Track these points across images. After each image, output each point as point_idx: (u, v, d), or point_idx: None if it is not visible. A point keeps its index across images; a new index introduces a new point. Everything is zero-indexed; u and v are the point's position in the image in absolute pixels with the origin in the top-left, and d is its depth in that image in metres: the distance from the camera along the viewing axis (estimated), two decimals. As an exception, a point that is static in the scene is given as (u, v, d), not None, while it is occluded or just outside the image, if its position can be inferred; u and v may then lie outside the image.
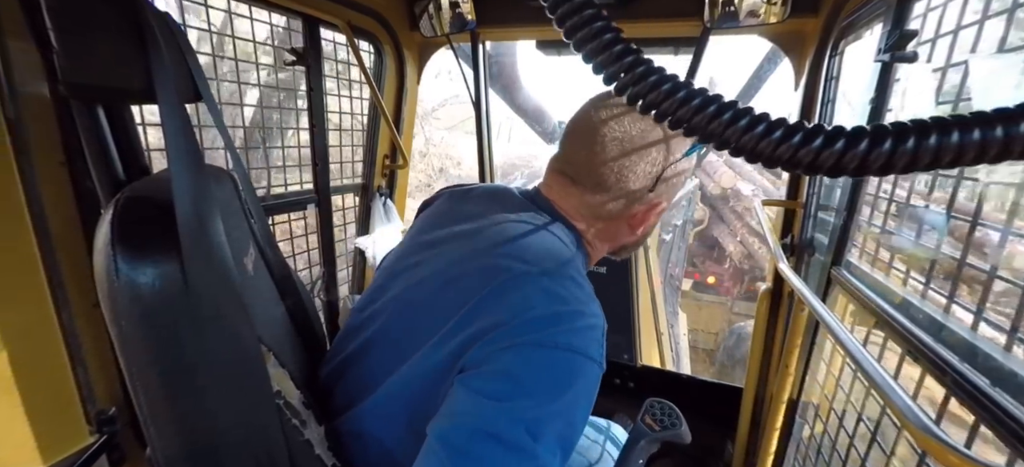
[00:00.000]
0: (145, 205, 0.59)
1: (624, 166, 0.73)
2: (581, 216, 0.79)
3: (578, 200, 0.78)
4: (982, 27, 0.76)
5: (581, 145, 0.76)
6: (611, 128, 0.73)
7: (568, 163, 0.79)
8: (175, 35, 0.65)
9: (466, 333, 0.63)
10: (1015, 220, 0.71)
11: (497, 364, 0.59)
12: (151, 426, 0.63)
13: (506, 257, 0.69)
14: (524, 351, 0.59)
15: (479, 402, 0.56)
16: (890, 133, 0.30)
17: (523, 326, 0.61)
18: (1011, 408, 0.58)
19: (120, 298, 0.55)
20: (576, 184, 0.78)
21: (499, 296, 0.65)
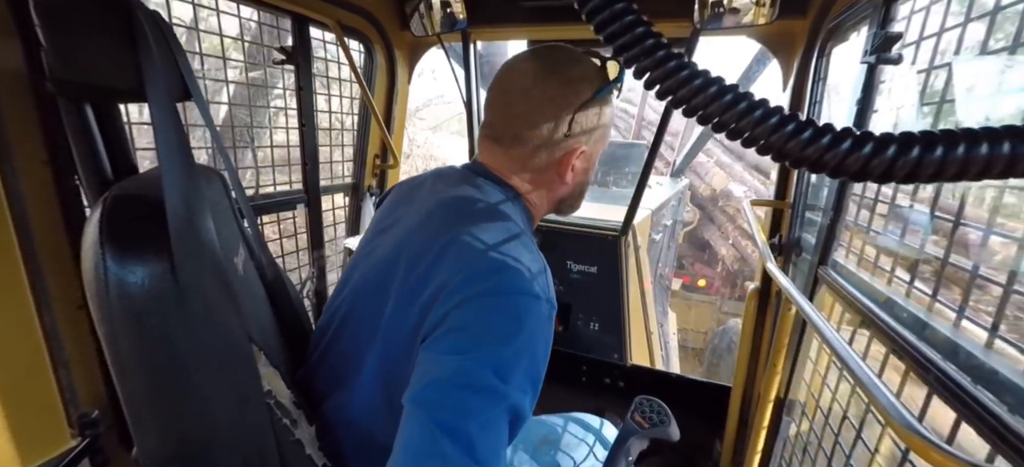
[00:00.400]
0: (134, 204, 0.58)
1: (533, 115, 0.77)
2: (512, 173, 0.83)
3: (505, 157, 0.82)
4: (965, 30, 0.78)
5: (496, 106, 0.82)
6: (516, 83, 0.78)
7: (490, 126, 0.84)
8: (165, 34, 0.64)
9: (420, 301, 0.67)
10: (996, 218, 0.72)
11: (453, 322, 0.62)
12: (139, 427, 0.62)
13: (447, 224, 0.73)
14: (474, 304, 0.63)
15: (445, 359, 0.60)
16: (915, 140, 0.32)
17: (467, 282, 0.64)
18: (991, 405, 0.59)
19: (109, 298, 0.54)
20: (500, 143, 0.82)
21: (443, 260, 0.68)
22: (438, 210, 0.77)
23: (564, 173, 0.82)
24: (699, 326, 6.82)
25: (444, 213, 0.76)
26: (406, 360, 0.67)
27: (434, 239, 0.71)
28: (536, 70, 0.77)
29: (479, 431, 0.57)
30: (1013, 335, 0.66)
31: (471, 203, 0.77)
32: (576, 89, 0.77)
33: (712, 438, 1.87)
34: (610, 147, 3.96)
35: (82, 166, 0.66)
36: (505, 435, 0.60)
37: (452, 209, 0.76)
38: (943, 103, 0.82)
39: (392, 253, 0.76)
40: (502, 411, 0.59)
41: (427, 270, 0.69)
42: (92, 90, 0.63)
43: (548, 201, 0.88)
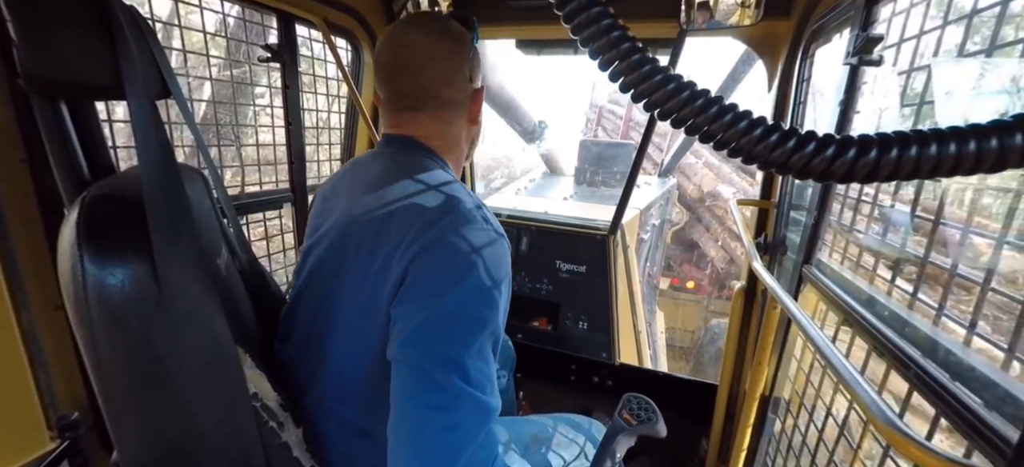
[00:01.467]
0: (113, 203, 0.57)
1: (447, 74, 0.84)
2: (435, 134, 0.87)
3: (430, 120, 0.86)
4: (943, 33, 0.79)
5: (403, 79, 0.84)
6: (416, 53, 0.82)
7: (404, 98, 0.85)
8: (143, 29, 0.63)
9: (374, 270, 0.71)
10: (974, 218, 0.73)
11: (416, 273, 0.67)
12: (120, 432, 0.61)
13: (387, 194, 0.77)
14: (431, 251, 0.67)
15: (419, 306, 0.65)
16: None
17: (418, 234, 0.69)
18: (969, 401, 0.60)
19: (87, 301, 0.53)
20: (421, 111, 0.85)
21: (389, 226, 0.72)
22: (377, 185, 0.80)
23: (476, 114, 0.91)
24: (686, 325, 6.88)
25: (383, 187, 0.78)
26: (371, 333, 0.71)
27: (377, 210, 0.75)
28: (428, 37, 0.83)
29: (468, 358, 0.62)
30: (995, 334, 0.68)
31: (405, 169, 0.80)
32: (462, 41, 0.85)
33: (699, 435, 1.89)
34: (598, 147, 3.96)
35: (57, 166, 0.64)
36: (492, 360, 0.66)
37: (390, 180, 0.79)
38: (923, 104, 0.84)
39: (340, 235, 0.79)
40: (486, 336, 0.65)
41: (375, 240, 0.73)
42: (67, 87, 0.61)
43: (466, 145, 0.94)
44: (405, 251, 0.68)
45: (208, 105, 1.77)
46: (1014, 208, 0.66)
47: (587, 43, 0.38)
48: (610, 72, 0.38)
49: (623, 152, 4.68)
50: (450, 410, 0.60)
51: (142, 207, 0.55)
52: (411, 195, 0.75)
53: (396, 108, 0.87)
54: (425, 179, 0.78)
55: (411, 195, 0.75)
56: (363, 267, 0.73)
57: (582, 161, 4.66)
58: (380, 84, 0.88)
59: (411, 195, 0.75)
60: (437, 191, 0.76)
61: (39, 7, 0.55)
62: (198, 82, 1.52)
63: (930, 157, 0.33)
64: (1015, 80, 0.68)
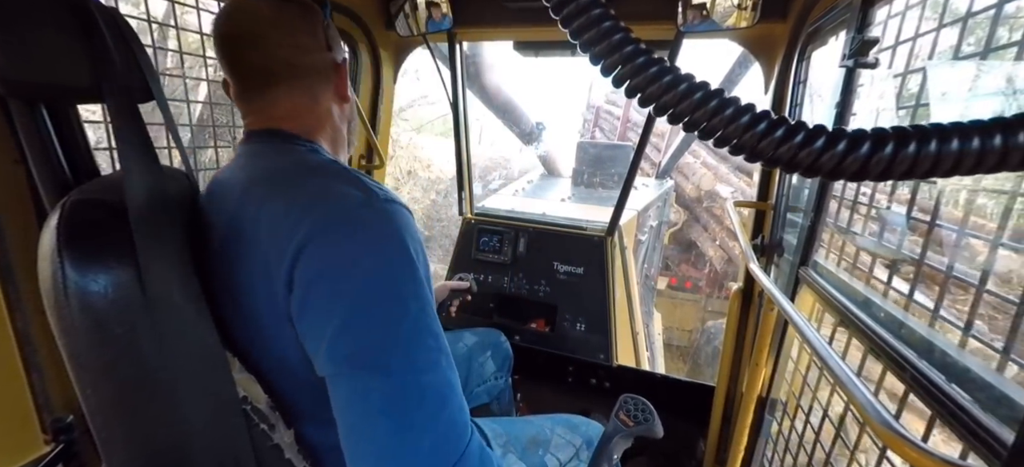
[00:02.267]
0: (95, 208, 0.56)
1: (298, 37, 0.76)
2: (297, 112, 0.78)
3: (288, 96, 0.77)
4: (938, 35, 0.79)
5: (253, 51, 0.75)
6: (256, 21, 0.74)
7: (254, 75, 0.76)
8: (123, 31, 0.62)
9: (258, 281, 0.63)
10: (971, 218, 0.74)
11: (305, 278, 0.59)
12: (107, 442, 0.60)
13: (258, 195, 0.67)
14: (312, 248, 0.59)
15: (326, 315, 0.58)
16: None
17: (293, 230, 0.60)
18: (964, 403, 0.60)
19: (69, 308, 0.52)
20: (276, 85, 0.76)
21: (259, 229, 0.64)
22: (246, 187, 0.70)
23: (344, 90, 0.82)
24: (684, 324, 6.89)
25: (251, 187, 0.69)
26: (282, 349, 0.65)
27: (242, 214, 0.67)
28: (269, 3, 0.75)
29: (400, 344, 0.57)
30: (992, 333, 0.68)
31: (272, 163, 0.72)
32: (309, 8, 0.78)
33: (696, 437, 1.89)
34: (596, 149, 3.96)
35: (37, 170, 0.63)
36: (433, 331, 0.60)
37: (257, 180, 0.69)
38: (918, 107, 0.84)
39: (219, 246, 0.70)
40: (414, 311, 0.58)
41: (249, 256, 0.64)
42: (45, 90, 0.61)
43: (341, 126, 0.86)
44: (285, 256, 0.59)
45: (205, 106, 1.76)
46: (1009, 208, 0.66)
47: (588, 46, 0.36)
48: (614, 76, 0.36)
49: (621, 154, 4.68)
50: (397, 408, 0.56)
51: (125, 211, 0.54)
52: (281, 188, 0.66)
53: (247, 90, 0.78)
54: (297, 168, 0.70)
55: (281, 188, 0.66)
56: (246, 281, 0.65)
57: (580, 162, 4.66)
58: (224, 66, 0.77)
59: (281, 188, 0.66)
60: (307, 178, 0.67)
61: (15, 10, 0.55)
62: (194, 84, 1.51)
63: (950, 153, 0.31)
64: (1010, 82, 0.69)
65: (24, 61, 0.56)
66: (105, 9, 0.60)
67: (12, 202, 0.82)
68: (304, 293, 0.59)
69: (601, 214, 2.38)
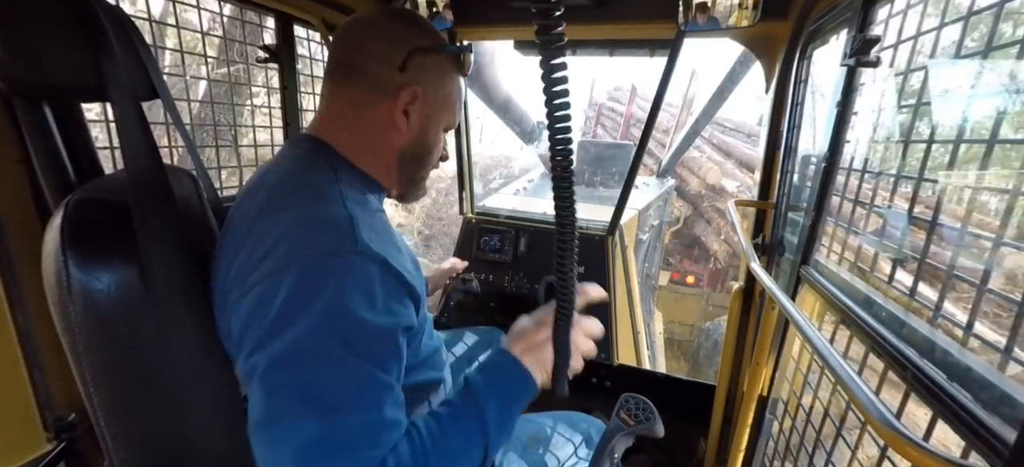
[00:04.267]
0: (98, 207, 0.56)
1: (370, 42, 0.74)
2: (342, 119, 0.76)
3: (341, 97, 0.76)
4: (940, 33, 0.79)
5: (339, 46, 0.76)
6: (364, 22, 0.76)
7: (329, 70, 0.78)
8: (128, 29, 0.62)
9: (221, 307, 0.63)
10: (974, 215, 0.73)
11: (241, 321, 0.57)
12: (109, 439, 0.60)
13: (245, 217, 0.66)
14: (250, 295, 0.57)
15: (248, 372, 0.56)
16: None
17: (241, 274, 0.59)
18: (966, 402, 0.60)
19: (73, 306, 0.52)
20: (334, 81, 0.77)
21: (223, 256, 0.64)
22: (243, 205, 0.70)
23: (395, 115, 0.75)
24: (686, 319, 6.88)
25: (245, 209, 0.69)
26: None
27: (242, 217, 0.66)
28: (385, 11, 0.77)
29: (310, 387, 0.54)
30: (996, 329, 0.68)
31: (273, 186, 0.69)
32: (418, 30, 0.76)
33: (697, 436, 1.89)
34: (597, 147, 3.95)
35: (42, 169, 0.63)
36: (355, 378, 0.56)
37: (254, 199, 0.68)
38: (920, 105, 0.84)
39: (221, 242, 0.70)
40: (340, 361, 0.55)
41: (222, 271, 0.64)
42: (49, 89, 0.61)
43: (390, 153, 0.79)
44: (228, 293, 0.59)
45: (205, 105, 1.76)
46: (1012, 206, 0.65)
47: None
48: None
49: (622, 152, 4.68)
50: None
51: (128, 210, 0.54)
52: (255, 221, 0.63)
53: (325, 87, 0.79)
54: (279, 199, 0.66)
55: (255, 221, 0.63)
56: (220, 302, 0.64)
57: (581, 161, 4.66)
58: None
59: (255, 221, 0.63)
60: (282, 213, 0.63)
61: (18, 9, 0.55)
62: (194, 82, 1.51)
63: None
64: (1013, 79, 0.68)
65: (28, 60, 0.56)
66: (109, 7, 0.60)
67: (14, 202, 0.82)
68: (240, 336, 0.58)
69: (602, 213, 2.37)
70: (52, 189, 0.64)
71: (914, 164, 0.84)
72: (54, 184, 0.64)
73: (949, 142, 0.75)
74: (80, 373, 0.57)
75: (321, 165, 0.72)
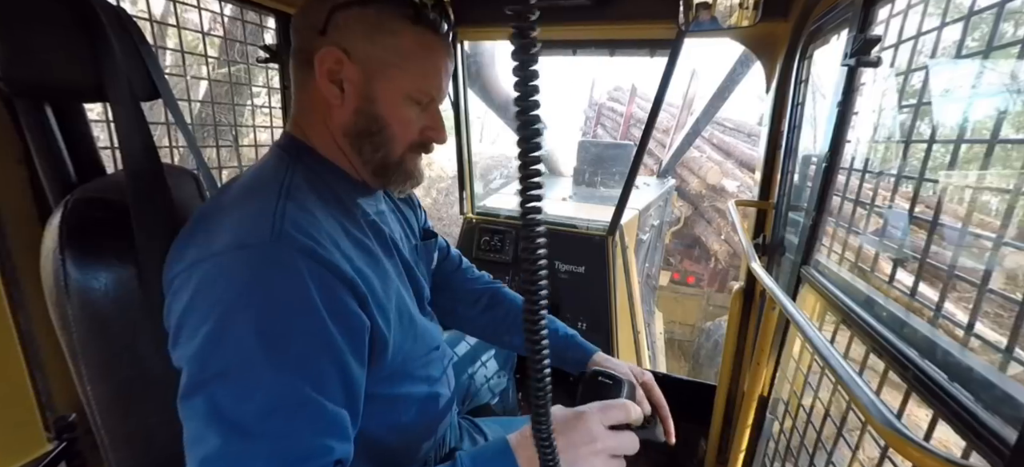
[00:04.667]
0: (97, 207, 0.56)
1: (300, 16, 0.66)
2: (297, 115, 0.70)
3: (293, 92, 0.70)
4: (941, 33, 0.79)
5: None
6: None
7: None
8: (129, 29, 0.62)
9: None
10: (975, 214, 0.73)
11: (169, 322, 0.54)
12: (106, 438, 0.61)
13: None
14: (170, 296, 0.53)
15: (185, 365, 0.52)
16: None
17: (169, 275, 0.54)
18: (967, 402, 0.60)
19: (70, 305, 0.53)
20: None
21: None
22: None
23: (324, 84, 0.64)
24: (686, 319, 6.89)
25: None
26: None
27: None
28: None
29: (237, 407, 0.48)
30: (997, 328, 0.68)
31: (226, 186, 0.66)
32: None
33: (697, 436, 1.88)
34: (597, 147, 3.94)
35: (43, 168, 0.63)
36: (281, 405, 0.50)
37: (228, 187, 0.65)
38: (920, 105, 0.84)
39: None
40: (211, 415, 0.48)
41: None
42: (50, 90, 0.61)
43: (334, 123, 0.68)
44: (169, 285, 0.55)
45: (206, 105, 1.76)
46: (1012, 206, 0.65)
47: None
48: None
49: (622, 152, 4.68)
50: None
51: (127, 210, 0.55)
52: (196, 223, 0.58)
53: None
54: (223, 200, 0.61)
55: (196, 223, 0.58)
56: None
57: (581, 161, 4.66)
58: None
59: (196, 223, 0.58)
60: (216, 210, 0.58)
61: (20, 9, 0.55)
62: (195, 82, 1.51)
63: None
64: (1013, 79, 0.68)
65: (29, 60, 0.56)
66: (110, 8, 0.60)
67: (14, 201, 0.82)
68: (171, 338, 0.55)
69: (602, 213, 2.37)
70: (53, 189, 0.64)
71: (915, 164, 0.83)
72: (55, 184, 0.64)
73: (950, 142, 0.75)
74: (77, 373, 0.57)
75: (281, 159, 0.66)
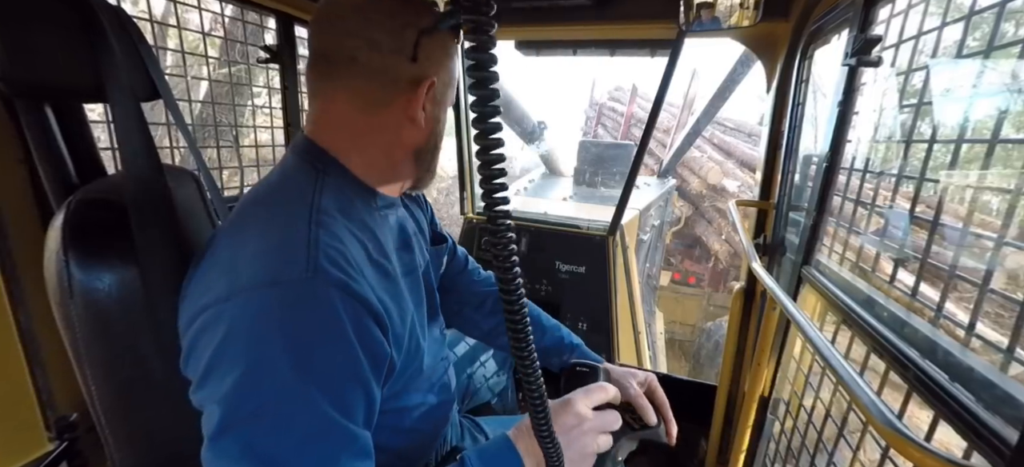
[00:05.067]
0: (99, 208, 0.56)
1: (371, 30, 0.63)
2: (340, 119, 0.66)
3: (341, 94, 0.65)
4: (941, 33, 0.79)
5: (324, 32, 0.65)
6: (342, 2, 0.64)
7: (317, 61, 0.66)
8: (128, 30, 0.63)
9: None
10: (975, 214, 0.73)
11: (190, 368, 0.54)
12: (110, 438, 0.61)
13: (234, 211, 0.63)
14: (189, 339, 0.53)
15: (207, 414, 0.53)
16: None
17: (189, 316, 0.53)
18: (968, 403, 0.60)
19: (74, 306, 0.53)
20: (333, 78, 0.65)
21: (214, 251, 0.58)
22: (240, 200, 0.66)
23: (415, 113, 0.66)
24: (687, 319, 6.89)
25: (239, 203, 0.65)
26: None
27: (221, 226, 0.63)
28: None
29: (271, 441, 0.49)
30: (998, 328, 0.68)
31: (263, 186, 0.65)
32: (416, 5, 0.65)
33: (698, 436, 1.88)
34: (597, 148, 3.95)
35: (44, 169, 0.63)
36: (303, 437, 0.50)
37: (246, 198, 0.64)
38: (921, 105, 0.84)
39: None
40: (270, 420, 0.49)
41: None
42: (50, 90, 0.61)
43: (398, 152, 0.70)
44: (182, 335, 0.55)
45: (207, 105, 1.76)
46: (1013, 206, 0.65)
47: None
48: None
49: (622, 152, 4.68)
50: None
51: (128, 211, 0.55)
52: (213, 253, 0.57)
53: (310, 82, 0.68)
54: (253, 207, 0.61)
55: (213, 253, 0.57)
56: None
57: (581, 162, 4.66)
58: (309, 49, 0.69)
59: (213, 253, 0.57)
60: (239, 243, 0.56)
61: (19, 10, 0.55)
62: (196, 82, 1.51)
63: None
64: (1014, 78, 0.68)
65: (30, 61, 0.57)
66: (110, 8, 0.60)
67: (15, 201, 0.83)
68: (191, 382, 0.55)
69: (603, 213, 2.37)
70: (54, 190, 0.64)
71: (916, 164, 0.83)
72: (56, 184, 0.64)
73: (950, 142, 0.75)
74: (81, 372, 0.58)
75: (306, 173, 0.65)
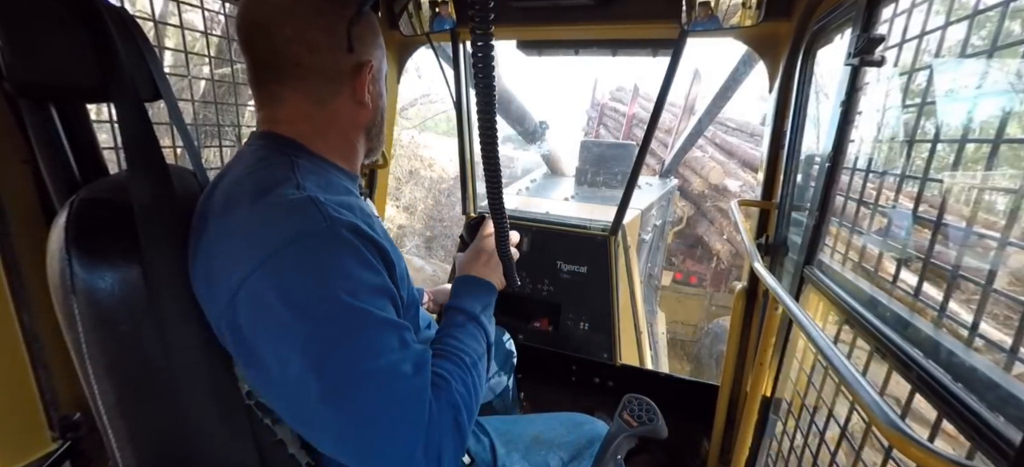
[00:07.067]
0: (102, 207, 0.57)
1: (309, 32, 0.67)
2: (302, 116, 0.72)
3: (294, 97, 0.71)
4: (945, 32, 0.79)
5: (262, 41, 0.68)
6: (270, 7, 0.67)
7: (261, 69, 0.71)
8: (131, 30, 0.63)
9: (202, 277, 0.61)
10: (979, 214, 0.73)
11: (237, 334, 0.57)
12: (112, 437, 0.61)
13: (211, 200, 0.65)
14: (238, 304, 0.56)
15: (265, 381, 0.58)
16: None
17: (225, 280, 0.57)
18: (971, 403, 0.60)
19: (76, 304, 0.53)
20: (282, 84, 0.70)
21: (198, 262, 0.61)
22: (211, 190, 0.68)
23: (362, 96, 0.74)
24: (689, 319, 6.88)
25: (214, 192, 0.67)
26: None
27: (204, 219, 0.64)
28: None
29: (338, 353, 0.55)
30: (1002, 328, 0.67)
31: (242, 171, 0.67)
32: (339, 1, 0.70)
33: (700, 436, 1.88)
34: (599, 148, 3.94)
35: (47, 168, 0.64)
36: (373, 329, 0.58)
37: (223, 187, 0.66)
38: (924, 104, 0.83)
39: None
40: (341, 327, 0.55)
41: (199, 254, 0.62)
42: (54, 90, 0.61)
43: (356, 133, 0.79)
44: (215, 302, 0.58)
45: (207, 105, 1.77)
46: (1018, 206, 0.65)
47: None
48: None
49: (624, 152, 4.67)
50: (338, 398, 0.55)
51: (132, 209, 0.55)
52: (221, 221, 0.61)
53: (256, 85, 0.72)
54: (248, 184, 0.63)
55: (221, 221, 0.61)
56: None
57: (583, 162, 4.65)
58: (243, 57, 0.72)
59: (221, 221, 0.61)
60: (257, 202, 0.60)
61: (24, 10, 0.55)
62: (196, 81, 1.52)
63: None
64: (1019, 77, 0.68)
65: (33, 61, 0.57)
66: (113, 8, 0.61)
67: (19, 201, 0.83)
68: (236, 346, 0.59)
69: (604, 213, 2.37)
70: (57, 189, 0.65)
71: (919, 164, 0.83)
72: (59, 184, 0.64)
73: (954, 142, 0.75)
74: (84, 372, 0.58)
75: (277, 158, 0.68)
